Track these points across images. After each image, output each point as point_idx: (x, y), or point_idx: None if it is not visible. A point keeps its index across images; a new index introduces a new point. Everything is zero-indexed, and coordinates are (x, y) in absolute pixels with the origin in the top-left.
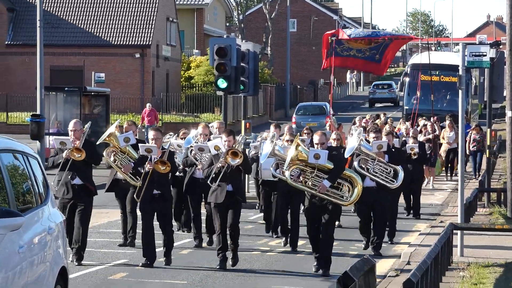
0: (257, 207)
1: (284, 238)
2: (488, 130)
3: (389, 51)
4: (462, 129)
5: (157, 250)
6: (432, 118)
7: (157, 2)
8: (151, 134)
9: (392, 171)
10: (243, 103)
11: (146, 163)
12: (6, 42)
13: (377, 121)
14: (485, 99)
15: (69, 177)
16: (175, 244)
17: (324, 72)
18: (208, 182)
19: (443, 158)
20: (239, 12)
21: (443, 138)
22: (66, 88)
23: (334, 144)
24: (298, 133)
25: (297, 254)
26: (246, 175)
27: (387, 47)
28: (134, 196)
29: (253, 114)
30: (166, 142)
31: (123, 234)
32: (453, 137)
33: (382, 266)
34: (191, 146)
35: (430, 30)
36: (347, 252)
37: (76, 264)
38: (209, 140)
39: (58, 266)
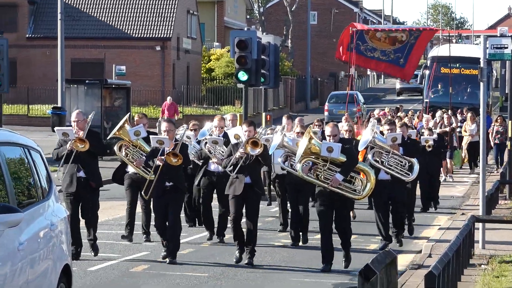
0: (267, 203)
1: (292, 233)
2: (510, 122)
3: (414, 54)
4: (483, 121)
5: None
6: (450, 110)
7: None
8: (163, 125)
9: (407, 163)
10: (264, 95)
11: (158, 156)
12: (27, 35)
13: (399, 113)
14: (506, 91)
15: (75, 169)
16: (195, 237)
17: (345, 64)
18: (228, 171)
19: (465, 151)
20: (260, 4)
21: (465, 131)
22: (87, 81)
23: (346, 136)
24: (310, 125)
25: (318, 249)
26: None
27: (412, 48)
28: (142, 192)
29: (274, 106)
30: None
31: (127, 226)
32: (475, 130)
33: (403, 259)
34: (205, 139)
35: (451, 22)
36: (363, 248)
37: (94, 255)
38: (224, 132)
39: (61, 263)
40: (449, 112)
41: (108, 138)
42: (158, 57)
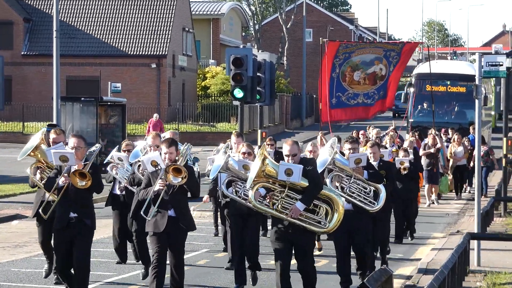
0: (214, 234)
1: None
2: (504, 139)
3: (392, 79)
4: (478, 139)
5: None
6: (433, 130)
7: (173, 12)
8: (71, 141)
9: (372, 190)
10: (259, 112)
11: (61, 175)
12: (23, 53)
13: (369, 132)
14: (501, 109)
15: None
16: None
17: None
18: (142, 212)
19: (451, 175)
20: (255, 22)
21: (451, 153)
22: (82, 98)
23: (309, 156)
24: (264, 143)
25: None
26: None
27: (389, 77)
28: (40, 211)
29: (269, 123)
30: (93, 152)
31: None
32: (462, 153)
33: (398, 277)
34: (139, 161)
35: (446, 39)
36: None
37: None
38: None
39: None
40: (433, 131)
41: (19, 159)
42: (154, 75)
